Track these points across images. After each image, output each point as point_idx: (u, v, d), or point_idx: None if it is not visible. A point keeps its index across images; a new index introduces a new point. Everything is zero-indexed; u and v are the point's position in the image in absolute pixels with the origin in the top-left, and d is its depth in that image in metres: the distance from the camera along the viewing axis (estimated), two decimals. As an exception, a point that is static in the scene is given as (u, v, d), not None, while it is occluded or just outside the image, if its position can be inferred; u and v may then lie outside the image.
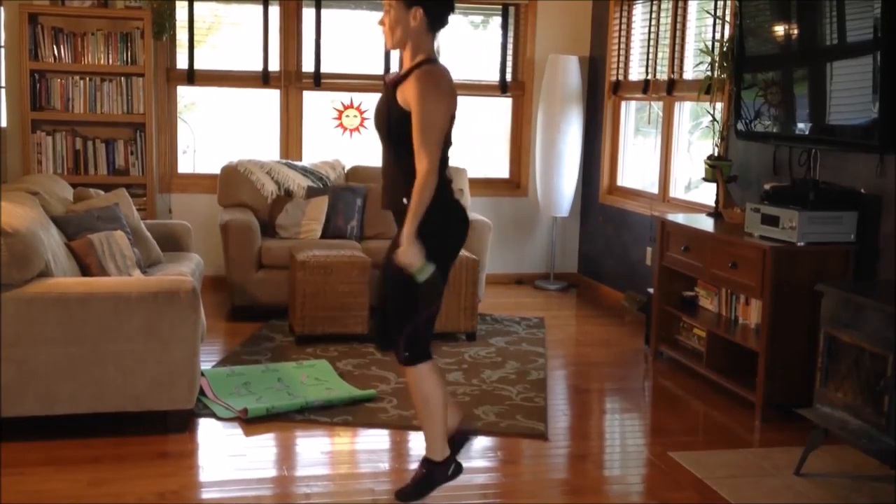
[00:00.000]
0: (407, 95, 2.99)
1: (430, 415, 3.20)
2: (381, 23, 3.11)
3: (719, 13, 5.44)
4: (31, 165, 6.27)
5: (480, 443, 3.96)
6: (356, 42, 7.05)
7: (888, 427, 3.38)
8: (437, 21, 3.06)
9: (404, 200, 3.04)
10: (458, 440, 3.35)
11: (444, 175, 3.09)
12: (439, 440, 3.24)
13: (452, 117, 3.08)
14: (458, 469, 3.33)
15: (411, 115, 2.98)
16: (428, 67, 3.02)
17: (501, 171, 7.49)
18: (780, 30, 4.72)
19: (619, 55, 6.92)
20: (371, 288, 5.47)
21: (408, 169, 3.03)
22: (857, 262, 4.28)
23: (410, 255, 2.99)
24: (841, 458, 3.89)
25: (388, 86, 3.11)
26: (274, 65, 6.86)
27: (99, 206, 5.01)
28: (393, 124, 3.06)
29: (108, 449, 3.75)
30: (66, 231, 4.63)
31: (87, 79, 6.32)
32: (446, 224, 3.11)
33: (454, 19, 3.27)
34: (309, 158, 6.88)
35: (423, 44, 3.06)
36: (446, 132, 3.04)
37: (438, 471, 3.28)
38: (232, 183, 6.36)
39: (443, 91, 3.01)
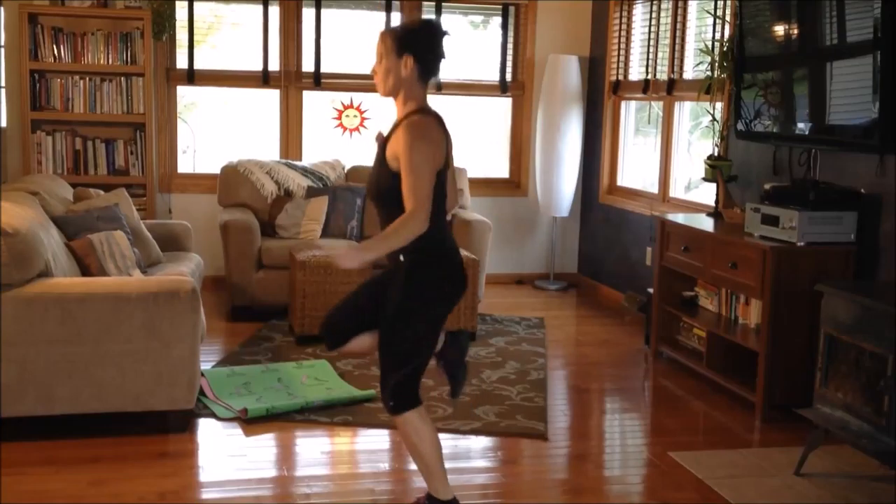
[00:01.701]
0: (395, 148, 2.94)
1: (423, 461, 3.12)
2: (374, 72, 3.06)
3: (719, 13, 5.44)
4: (31, 165, 6.27)
5: (480, 443, 3.96)
6: (356, 42, 7.05)
7: (888, 427, 3.38)
8: (427, 70, 3.01)
9: (401, 258, 3.00)
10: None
11: (442, 226, 3.04)
12: (439, 481, 3.14)
13: (446, 166, 3.01)
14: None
15: (401, 169, 2.91)
16: (416, 118, 2.97)
17: (501, 171, 7.49)
18: (780, 30, 4.72)
19: (619, 55, 6.92)
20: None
21: None
22: (857, 262, 4.28)
23: (349, 258, 2.90)
24: (841, 458, 3.89)
25: (379, 145, 3.06)
26: (274, 65, 6.86)
27: (99, 206, 5.01)
28: (384, 186, 2.99)
29: (108, 449, 3.75)
30: (66, 231, 4.63)
31: (87, 79, 6.32)
32: (444, 276, 3.05)
33: (455, 19, 3.25)
34: (309, 158, 6.88)
35: (414, 93, 3.01)
36: (439, 182, 2.96)
37: None
38: (232, 183, 6.36)
39: (430, 140, 2.94)
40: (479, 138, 7.41)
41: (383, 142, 3.03)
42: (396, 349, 3.04)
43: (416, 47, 2.98)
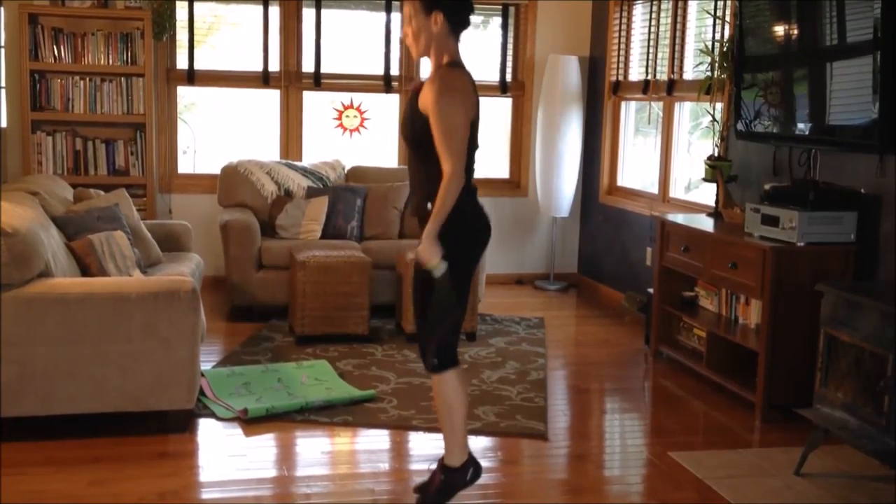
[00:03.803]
0: (425, 99, 3.00)
1: (452, 421, 3.20)
2: (405, 35, 3.11)
3: (719, 13, 5.44)
4: (31, 165, 6.27)
5: (480, 443, 3.96)
6: (356, 42, 7.05)
7: (888, 427, 3.38)
8: (458, 23, 3.07)
9: (428, 206, 3.04)
10: None
11: (468, 182, 3.07)
12: (458, 446, 3.23)
13: (475, 120, 3.07)
14: (478, 472, 3.31)
15: (430, 120, 2.98)
16: (444, 71, 3.03)
17: (501, 171, 7.49)
18: (779, 30, 4.72)
19: (619, 55, 6.92)
20: (371, 288, 5.48)
21: (432, 175, 3.03)
22: (857, 262, 4.28)
23: (428, 252, 3.00)
24: (841, 458, 3.89)
25: (412, 93, 3.13)
26: (274, 65, 6.86)
27: (99, 207, 5.01)
28: (417, 131, 3.06)
29: (108, 449, 3.75)
30: (66, 231, 4.63)
31: (87, 79, 6.32)
32: (468, 231, 3.11)
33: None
34: (309, 158, 6.88)
35: (446, 48, 3.08)
36: (469, 135, 3.03)
37: (458, 476, 3.26)
38: (232, 183, 6.36)
39: (457, 92, 3.00)
40: (479, 138, 7.40)
41: (416, 89, 3.09)
42: (431, 311, 3.09)
43: (444, 2, 3.02)
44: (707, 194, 5.71)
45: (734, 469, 3.77)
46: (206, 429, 4.04)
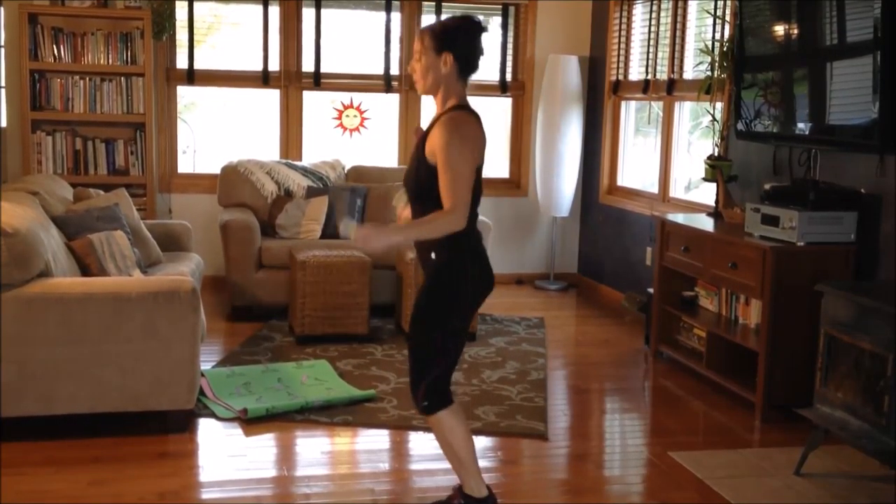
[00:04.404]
0: (433, 143, 2.93)
1: (458, 458, 3.13)
2: (412, 70, 3.05)
3: (719, 13, 5.44)
4: (31, 165, 6.27)
5: (481, 443, 3.96)
6: (356, 42, 7.05)
7: (888, 427, 3.38)
8: (467, 66, 3.01)
9: (432, 255, 3.00)
10: None
11: (474, 229, 3.02)
12: (473, 478, 3.15)
13: (479, 168, 3.01)
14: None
15: (438, 165, 2.91)
16: (454, 114, 2.97)
17: (501, 171, 7.49)
18: (780, 30, 4.72)
19: (619, 55, 6.92)
20: (371, 288, 5.48)
21: None
22: (857, 262, 4.28)
23: (375, 238, 2.88)
24: (841, 458, 3.89)
25: (417, 141, 3.06)
26: (274, 65, 6.86)
27: (99, 206, 5.01)
28: (421, 181, 2.99)
29: (108, 449, 3.75)
30: (66, 231, 4.63)
31: (87, 79, 6.32)
32: (472, 277, 3.04)
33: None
34: (309, 158, 6.88)
35: (454, 89, 3.01)
36: (476, 180, 2.97)
37: None
38: (232, 183, 6.36)
39: (468, 140, 2.94)
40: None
41: (422, 136, 3.03)
42: (425, 351, 3.04)
43: (455, 44, 2.98)
44: (707, 194, 5.71)
45: (734, 469, 3.77)
46: (206, 429, 4.04)
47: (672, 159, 6.28)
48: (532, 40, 7.25)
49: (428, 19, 7.01)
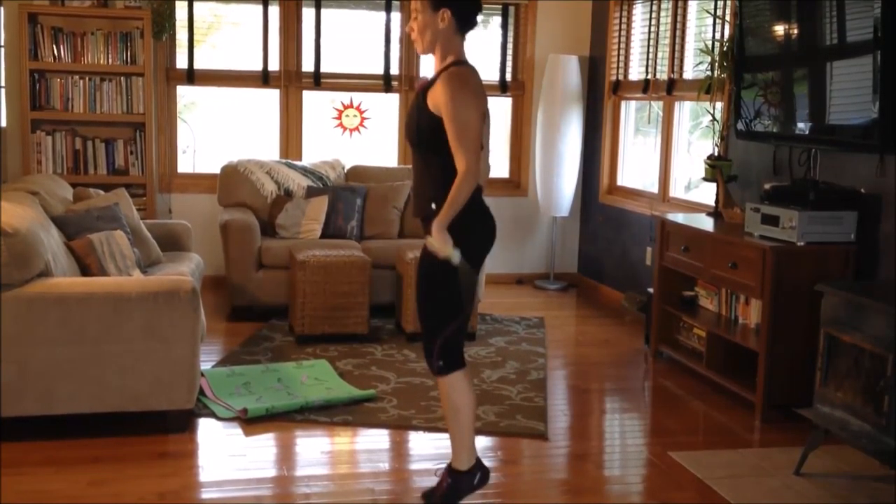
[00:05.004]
0: (437, 99, 2.99)
1: (459, 423, 3.18)
2: (410, 29, 3.09)
3: (719, 13, 5.44)
4: (31, 165, 6.27)
5: (481, 443, 3.96)
6: (356, 42, 7.05)
7: (888, 427, 3.38)
8: (465, 22, 3.06)
9: (432, 206, 3.04)
10: None
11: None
12: (465, 449, 3.21)
13: (484, 119, 3.07)
14: (485, 477, 3.30)
15: (443, 119, 2.97)
16: (455, 69, 3.02)
17: (501, 171, 7.49)
18: (780, 30, 4.72)
19: (619, 55, 6.92)
20: (371, 288, 5.48)
21: (436, 175, 3.04)
22: (857, 262, 4.28)
23: (439, 242, 2.98)
24: (841, 458, 3.89)
25: (417, 91, 3.12)
26: (274, 64, 6.86)
27: (99, 206, 5.01)
28: (422, 130, 3.05)
29: (108, 449, 3.75)
30: (66, 231, 4.63)
31: (87, 79, 6.32)
32: (474, 229, 3.09)
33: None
34: (309, 158, 6.88)
35: (452, 46, 3.07)
36: (479, 134, 3.02)
37: (464, 480, 3.25)
38: (232, 183, 6.36)
39: (470, 90, 3.01)
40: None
41: (422, 87, 3.08)
42: (435, 307, 3.08)
43: (452, 0, 3.01)
44: (707, 194, 5.71)
45: (734, 469, 3.77)
46: (206, 429, 4.04)
47: (672, 159, 6.28)
48: (532, 40, 7.25)
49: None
